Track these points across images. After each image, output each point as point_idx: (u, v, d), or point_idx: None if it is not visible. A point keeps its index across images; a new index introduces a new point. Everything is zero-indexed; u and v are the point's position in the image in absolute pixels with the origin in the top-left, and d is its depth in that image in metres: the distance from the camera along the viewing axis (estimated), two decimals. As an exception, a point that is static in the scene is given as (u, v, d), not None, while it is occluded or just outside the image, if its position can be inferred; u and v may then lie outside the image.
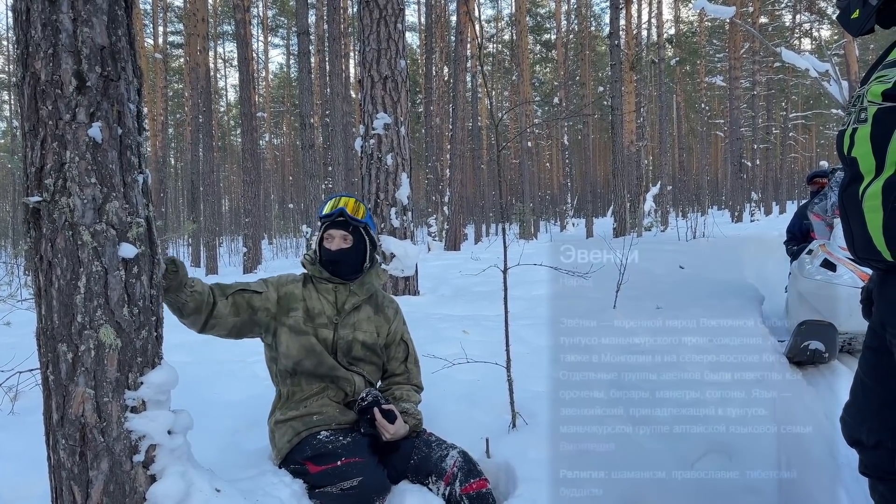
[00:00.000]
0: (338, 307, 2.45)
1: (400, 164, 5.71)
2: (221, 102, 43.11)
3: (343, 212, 2.45)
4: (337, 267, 2.45)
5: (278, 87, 44.82)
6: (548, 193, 42.97)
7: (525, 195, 24.67)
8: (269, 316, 2.37)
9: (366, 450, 2.20)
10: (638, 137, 22.59)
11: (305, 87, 15.61)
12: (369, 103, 5.67)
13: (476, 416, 2.75)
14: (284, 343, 2.36)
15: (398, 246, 5.57)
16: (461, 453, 2.22)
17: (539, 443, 2.46)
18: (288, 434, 2.28)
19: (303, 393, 2.36)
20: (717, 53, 34.19)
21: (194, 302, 2.15)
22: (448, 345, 3.79)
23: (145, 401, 1.70)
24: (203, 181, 16.16)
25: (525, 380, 3.22)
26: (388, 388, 2.56)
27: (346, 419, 2.32)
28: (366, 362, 2.48)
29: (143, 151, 1.78)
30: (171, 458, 1.73)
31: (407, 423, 2.35)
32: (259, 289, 2.38)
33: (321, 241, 2.48)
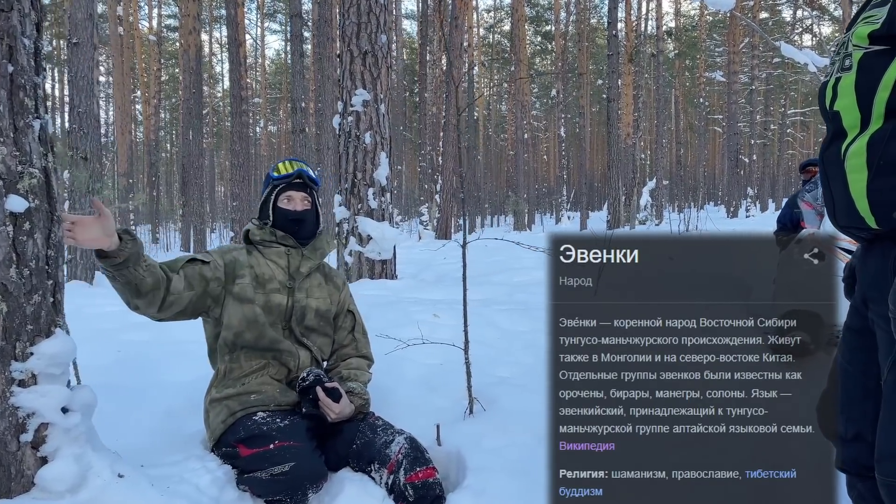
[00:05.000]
0: (290, 272, 2.30)
1: (379, 142, 5.51)
2: (218, 88, 42.73)
3: (302, 173, 2.31)
4: (301, 226, 2.31)
5: (275, 74, 44.46)
6: (545, 186, 42.79)
7: (520, 186, 24.47)
8: (220, 286, 2.20)
9: (303, 433, 2.02)
10: (634, 130, 22.39)
11: (297, 71, 15.37)
12: (348, 79, 5.46)
13: (433, 400, 2.57)
14: (227, 313, 2.20)
15: (375, 228, 5.37)
16: (408, 439, 2.04)
17: (496, 431, 2.28)
18: (222, 414, 2.10)
19: (241, 370, 2.18)
20: (717, 48, 33.96)
21: (152, 277, 1.97)
22: (416, 328, 3.60)
23: (35, 374, 1.51)
24: (192, 165, 15.91)
25: (490, 364, 3.05)
26: (335, 365, 2.39)
27: (287, 400, 2.14)
28: (318, 333, 2.32)
29: (42, 94, 1.58)
30: (65, 438, 1.55)
31: (353, 403, 2.17)
32: (206, 258, 2.21)
33: (275, 203, 2.32)
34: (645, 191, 21.27)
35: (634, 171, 21.44)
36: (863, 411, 1.49)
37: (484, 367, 2.99)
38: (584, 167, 30.06)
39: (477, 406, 2.45)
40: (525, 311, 4.21)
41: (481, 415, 2.41)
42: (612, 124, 18.40)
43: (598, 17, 34.36)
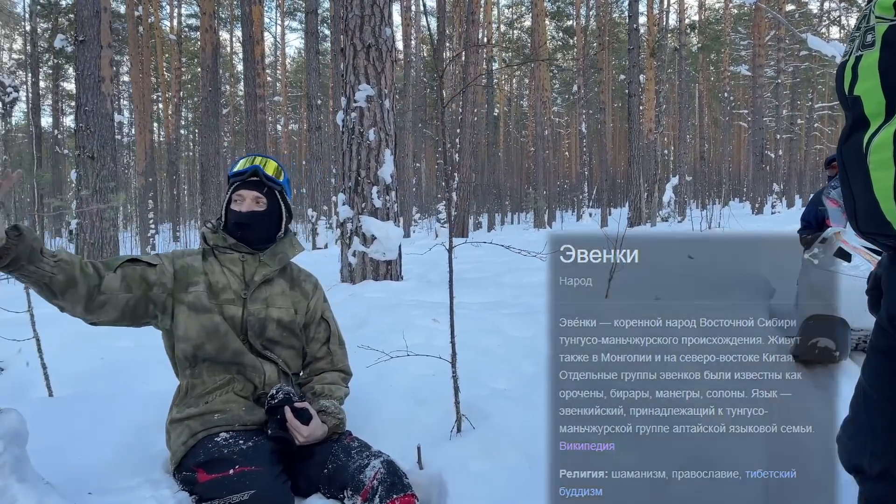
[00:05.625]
0: (245, 280, 2.09)
1: (383, 139, 5.32)
2: (239, 86, 42.91)
3: (258, 170, 2.10)
4: (246, 231, 2.09)
5: (295, 72, 44.53)
6: (566, 183, 42.39)
7: (540, 183, 24.19)
8: (166, 293, 2.01)
9: (266, 457, 1.84)
10: (656, 126, 21.99)
11: (313, 68, 15.29)
12: (351, 74, 5.29)
13: (419, 416, 2.39)
14: (182, 324, 2.01)
15: (379, 228, 5.20)
16: (385, 463, 1.85)
17: (484, 452, 2.09)
18: (183, 435, 1.93)
19: (204, 386, 2.00)
20: (742, 41, 33.30)
21: (63, 273, 1.77)
22: (413, 333, 3.42)
23: (-51, 398, 1.35)
24: (210, 163, 15.89)
25: (486, 374, 2.86)
26: (308, 379, 2.20)
27: (253, 419, 1.96)
28: (283, 346, 2.12)
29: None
30: (-16, 469, 1.38)
31: (325, 423, 1.98)
32: (153, 261, 2.02)
33: (228, 204, 2.12)
34: (668, 187, 20.89)
35: (656, 168, 21.06)
36: (890, 444, 1.27)
37: (479, 377, 2.81)
38: (606, 163, 29.67)
39: (466, 423, 2.25)
40: (530, 314, 4.01)
41: (469, 433, 2.22)
42: (633, 120, 18.09)
43: (620, 12, 33.89)
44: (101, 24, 8.04)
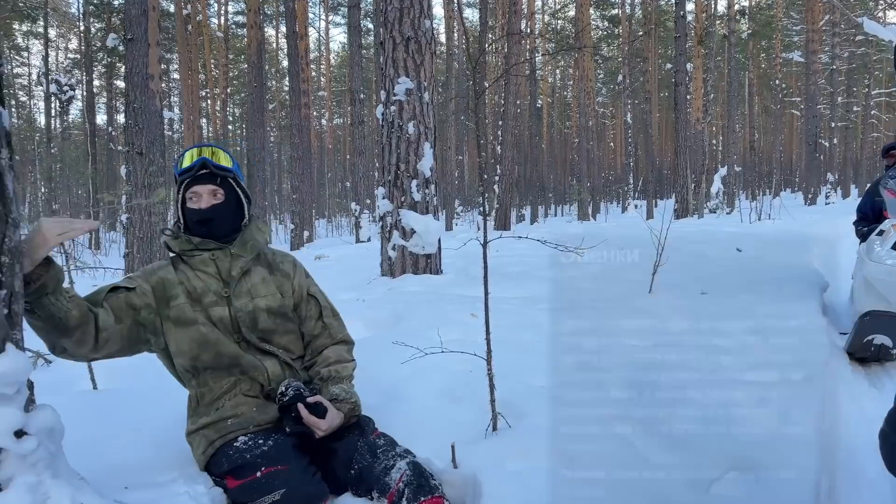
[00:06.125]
0: (223, 277, 2.04)
1: (423, 132, 5.29)
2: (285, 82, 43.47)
3: (206, 161, 2.00)
4: (211, 227, 2.03)
5: (339, 66, 44.85)
6: (610, 174, 41.79)
7: (583, 175, 23.87)
8: (153, 313, 1.96)
9: (290, 453, 1.83)
10: (703, 115, 21.46)
11: (356, 62, 15.34)
12: (391, 67, 5.26)
13: (455, 414, 2.34)
14: (173, 340, 1.97)
15: (419, 221, 5.17)
16: (411, 464, 1.82)
17: (521, 452, 2.03)
18: (202, 445, 1.93)
19: (212, 393, 1.98)
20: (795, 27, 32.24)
21: (78, 309, 1.73)
22: (451, 329, 3.38)
23: (-15, 394, 1.37)
24: (254, 157, 16.12)
25: (525, 372, 2.80)
26: (312, 361, 2.15)
27: (267, 418, 1.94)
28: (279, 333, 2.08)
29: (-6, 84, 1.43)
30: (20, 466, 1.40)
31: (340, 410, 1.96)
32: (130, 284, 1.96)
33: (183, 203, 2.04)
34: (716, 178, 20.38)
35: (704, 158, 20.58)
36: None
37: (517, 374, 2.76)
38: (652, 154, 29.12)
39: (502, 422, 2.20)
40: (570, 309, 3.93)
41: (506, 432, 2.17)
42: (679, 109, 17.68)
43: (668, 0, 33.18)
44: (148, 23, 8.20)
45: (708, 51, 22.79)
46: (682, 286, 4.71)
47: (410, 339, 2.95)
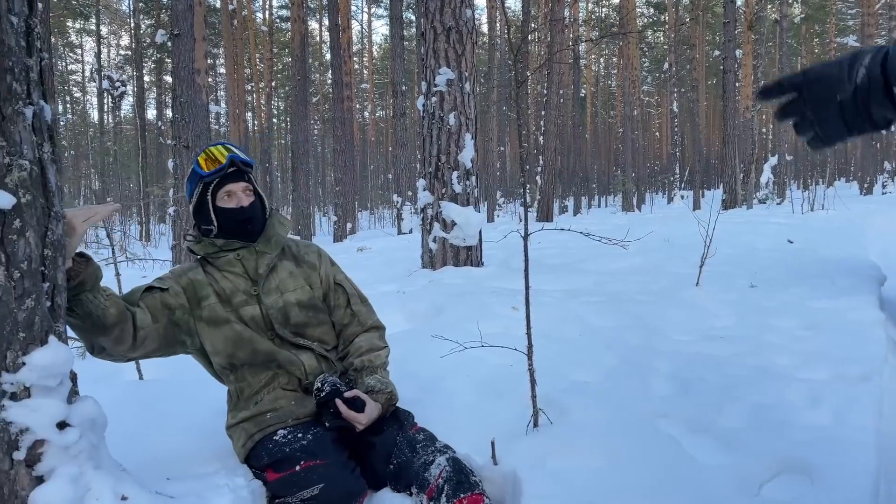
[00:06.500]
0: (250, 276, 2.03)
1: (463, 123, 5.24)
2: (328, 74, 43.85)
3: (235, 159, 1.98)
4: (253, 225, 2.03)
5: (382, 59, 45.02)
6: (656, 164, 41.08)
7: (627, 165, 23.49)
8: (187, 313, 1.96)
9: (329, 447, 1.82)
10: (753, 103, 20.86)
11: (398, 54, 15.35)
12: (431, 57, 5.22)
13: (495, 409, 2.31)
14: (208, 340, 1.97)
15: (459, 213, 5.13)
16: (450, 460, 1.79)
17: (563, 449, 1.99)
18: (241, 438, 1.93)
19: (251, 388, 1.98)
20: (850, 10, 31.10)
21: (116, 307, 1.72)
22: (491, 322, 3.35)
23: (28, 386, 1.38)
24: (298, 149, 16.29)
25: (567, 366, 2.75)
26: (345, 351, 2.13)
27: (306, 411, 1.93)
28: (312, 325, 2.06)
29: (36, 78, 1.44)
30: (62, 457, 1.41)
31: (378, 402, 1.94)
32: (162, 285, 1.95)
33: (213, 204, 2.00)
34: (766, 167, 19.84)
35: (754, 147, 20.01)
36: None
37: (559, 369, 2.71)
38: (699, 143, 28.49)
39: (544, 418, 2.16)
40: (615, 302, 3.85)
41: (547, 429, 2.12)
42: (728, 97, 17.22)
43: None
44: (194, 18, 8.32)
45: (758, 36, 22.11)
46: (730, 279, 4.58)
47: (450, 331, 2.92)
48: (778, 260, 5.50)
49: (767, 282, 4.47)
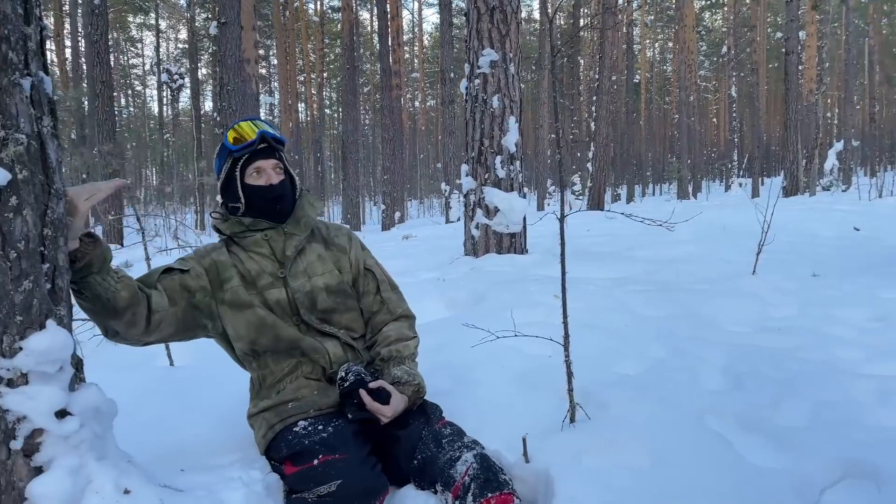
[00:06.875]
0: (277, 257, 1.93)
1: (507, 106, 5.08)
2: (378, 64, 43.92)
3: (266, 135, 1.88)
4: (282, 204, 1.93)
5: (433, 48, 44.87)
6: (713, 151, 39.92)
7: (683, 152, 22.83)
8: (208, 296, 1.86)
9: (350, 441, 1.71)
10: (817, 86, 19.98)
11: (446, 41, 15.22)
12: (475, 39, 5.07)
13: (530, 402, 2.17)
14: (230, 324, 1.88)
15: (503, 199, 4.98)
16: (478, 457, 1.66)
17: (602, 447, 1.84)
18: (262, 428, 1.84)
19: (273, 376, 1.89)
20: (925, -14, 29.48)
21: (127, 290, 1.63)
22: (532, 310, 3.21)
23: (26, 373, 1.31)
24: (347, 139, 16.34)
25: (610, 358, 2.59)
26: (373, 339, 2.02)
27: (328, 402, 1.83)
28: (340, 311, 1.96)
29: (35, 47, 1.37)
30: (61, 447, 1.34)
31: (404, 394, 1.83)
32: (184, 266, 1.86)
33: (241, 181, 1.91)
34: (831, 153, 19.03)
35: (817, 132, 19.17)
36: None
37: (601, 361, 2.55)
38: (758, 129, 27.51)
39: (581, 413, 2.01)
40: (664, 291, 3.65)
41: (584, 425, 1.98)
42: (790, 81, 16.53)
43: (778, -38, 31.05)
44: (240, 6, 8.34)
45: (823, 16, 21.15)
46: (789, 267, 4.32)
47: (489, 320, 2.79)
48: (843, 248, 5.19)
49: (831, 271, 4.20)
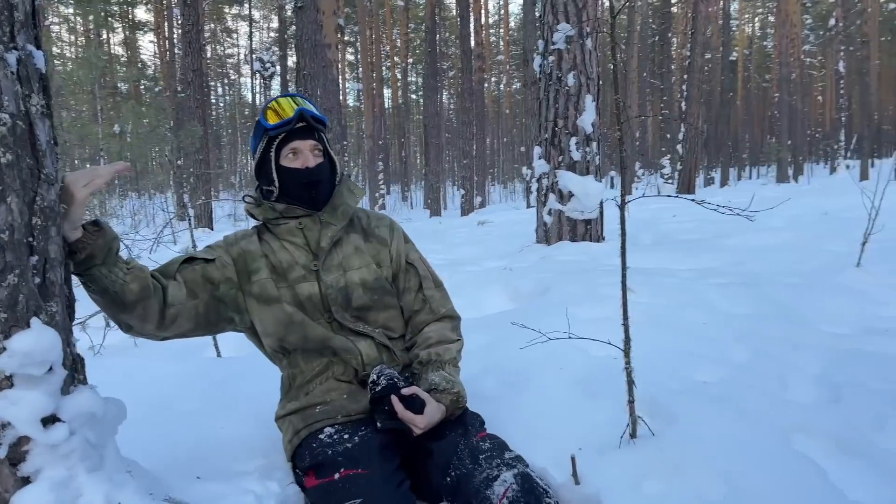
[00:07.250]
0: (312, 249, 1.76)
1: (584, 84, 4.77)
2: (464, 48, 43.59)
3: (305, 113, 1.71)
4: (318, 190, 1.76)
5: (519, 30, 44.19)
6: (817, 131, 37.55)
7: (783, 132, 21.49)
8: (234, 288, 1.73)
9: (375, 455, 1.53)
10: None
11: (530, 20, 14.83)
12: (549, 13, 4.77)
13: (587, 411, 1.93)
14: (258, 319, 1.73)
15: (578, 183, 4.69)
16: (520, 476, 1.45)
17: (665, 469, 1.59)
18: (288, 433, 1.70)
19: (304, 375, 1.74)
20: None
21: (137, 282, 1.52)
22: (600, 304, 2.94)
23: (9, 375, 1.20)
24: (429, 123, 16.25)
25: (684, 362, 2.31)
26: (413, 341, 1.83)
27: (358, 407, 1.66)
28: (377, 309, 1.78)
29: (22, 18, 1.25)
30: (48, 457, 1.22)
31: (441, 403, 1.64)
32: (209, 255, 1.73)
33: (277, 163, 1.76)
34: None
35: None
36: None
37: (674, 365, 2.28)
38: (869, 107, 25.53)
39: (644, 427, 1.76)
40: (752, 285, 3.30)
41: (648, 441, 1.72)
42: (906, 52, 15.17)
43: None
44: (318, -9, 8.29)
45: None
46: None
47: (549, 315, 2.57)
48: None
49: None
